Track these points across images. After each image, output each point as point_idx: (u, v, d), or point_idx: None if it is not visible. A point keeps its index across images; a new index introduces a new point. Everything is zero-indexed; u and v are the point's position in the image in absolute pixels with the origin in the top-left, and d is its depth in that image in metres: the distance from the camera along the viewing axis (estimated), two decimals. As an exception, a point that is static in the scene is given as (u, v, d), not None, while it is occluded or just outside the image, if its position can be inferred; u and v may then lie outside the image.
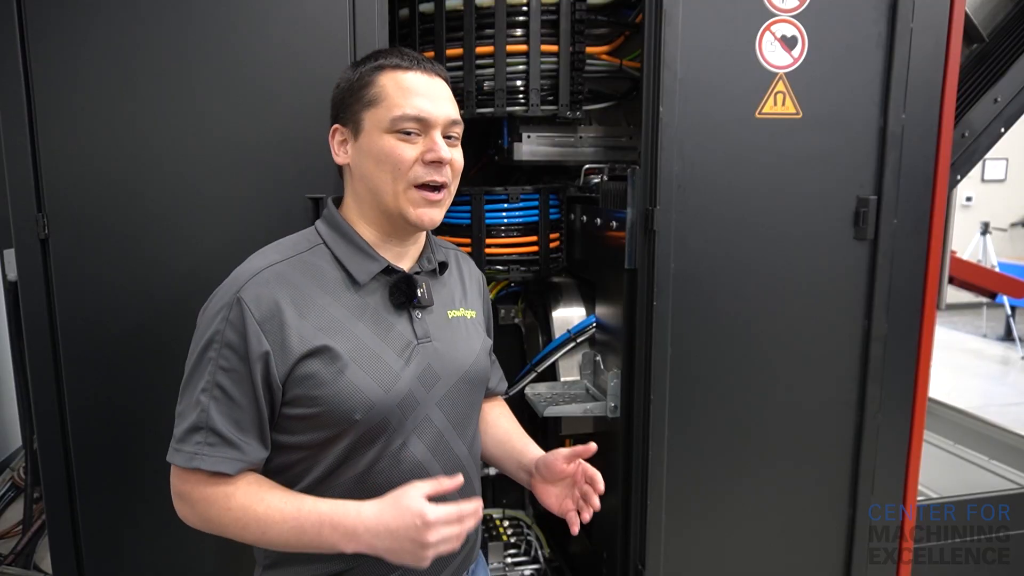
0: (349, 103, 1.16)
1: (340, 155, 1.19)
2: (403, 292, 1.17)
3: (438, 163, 1.13)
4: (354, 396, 1.08)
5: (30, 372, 1.47)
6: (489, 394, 1.41)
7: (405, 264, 1.21)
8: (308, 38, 1.48)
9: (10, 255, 1.45)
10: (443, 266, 1.27)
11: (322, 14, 1.48)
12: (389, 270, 1.17)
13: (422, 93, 1.13)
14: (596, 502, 1.24)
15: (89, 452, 1.51)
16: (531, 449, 1.37)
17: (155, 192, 1.47)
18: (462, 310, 1.28)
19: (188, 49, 1.44)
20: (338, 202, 1.23)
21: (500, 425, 1.43)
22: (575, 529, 1.25)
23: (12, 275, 1.47)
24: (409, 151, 1.12)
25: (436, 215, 1.16)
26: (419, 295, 1.18)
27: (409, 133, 1.12)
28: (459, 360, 1.22)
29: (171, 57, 1.44)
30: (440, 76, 1.17)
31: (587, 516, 1.25)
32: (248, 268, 1.12)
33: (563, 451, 1.25)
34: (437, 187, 1.14)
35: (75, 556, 1.53)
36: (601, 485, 1.24)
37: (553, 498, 1.29)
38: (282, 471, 1.13)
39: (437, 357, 1.18)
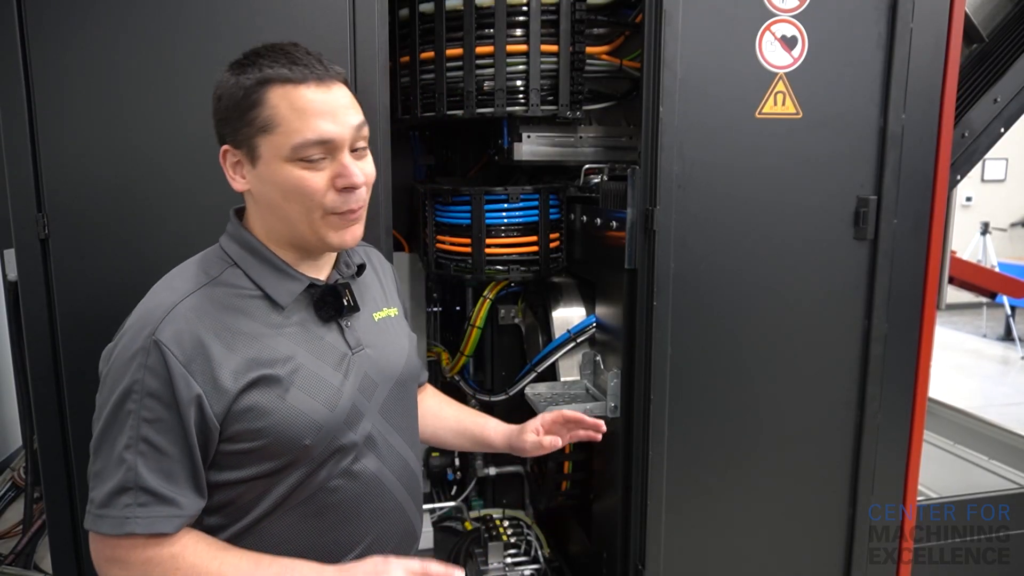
0: (237, 125, 1.03)
1: (238, 180, 1.07)
2: (331, 305, 1.11)
3: (352, 188, 1.04)
4: (299, 420, 1.03)
5: (30, 372, 1.47)
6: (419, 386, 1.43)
7: (323, 274, 1.14)
8: (308, 39, 1.46)
9: (10, 255, 1.45)
10: (361, 268, 1.21)
11: (322, 14, 1.48)
12: (310, 285, 1.11)
13: (322, 112, 1.01)
14: (601, 425, 1.39)
15: (89, 452, 1.51)
16: (490, 427, 1.45)
17: (155, 192, 1.47)
18: (385, 310, 1.24)
19: (188, 50, 1.44)
20: (239, 212, 1.14)
21: (446, 415, 1.46)
22: (560, 443, 1.38)
23: (12, 275, 1.46)
24: (318, 179, 1.02)
25: (359, 231, 1.10)
26: (346, 304, 1.12)
27: (314, 159, 1.02)
28: (393, 363, 1.19)
29: (170, 57, 1.44)
30: (336, 79, 1.05)
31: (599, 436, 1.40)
32: (157, 304, 1.01)
33: (549, 416, 1.40)
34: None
35: (75, 556, 1.53)
36: (601, 424, 1.39)
37: (529, 444, 1.39)
38: (224, 507, 1.06)
39: (372, 364, 1.15)
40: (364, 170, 1.07)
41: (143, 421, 0.97)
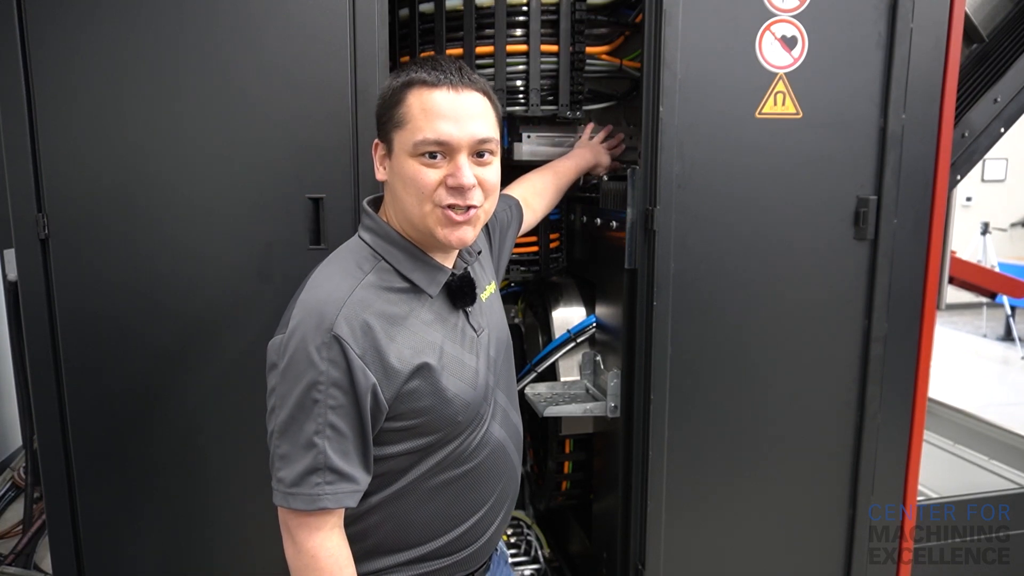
0: (383, 121, 1.16)
1: (380, 171, 1.18)
2: (467, 295, 1.20)
3: (460, 188, 1.10)
4: (453, 401, 1.14)
5: (30, 372, 1.47)
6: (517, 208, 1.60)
7: (450, 261, 1.23)
8: (308, 38, 1.48)
9: (10, 255, 1.45)
10: (479, 253, 1.31)
11: (321, 14, 1.48)
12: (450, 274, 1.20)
13: (447, 115, 1.09)
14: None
15: (89, 452, 1.51)
16: (562, 163, 1.80)
17: (155, 192, 1.47)
18: (488, 288, 1.33)
19: (187, 50, 1.44)
20: (373, 204, 1.22)
21: (549, 198, 1.74)
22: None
23: (12, 275, 1.47)
24: (432, 175, 1.10)
25: (466, 234, 1.14)
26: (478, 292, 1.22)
27: (434, 156, 1.10)
28: (502, 338, 1.32)
29: (170, 58, 1.44)
30: (472, 88, 1.13)
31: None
32: (327, 300, 1.08)
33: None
34: (464, 208, 1.12)
35: (75, 556, 1.53)
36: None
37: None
38: (376, 476, 1.14)
39: (491, 343, 1.26)
40: (482, 175, 1.13)
41: (329, 408, 1.06)
